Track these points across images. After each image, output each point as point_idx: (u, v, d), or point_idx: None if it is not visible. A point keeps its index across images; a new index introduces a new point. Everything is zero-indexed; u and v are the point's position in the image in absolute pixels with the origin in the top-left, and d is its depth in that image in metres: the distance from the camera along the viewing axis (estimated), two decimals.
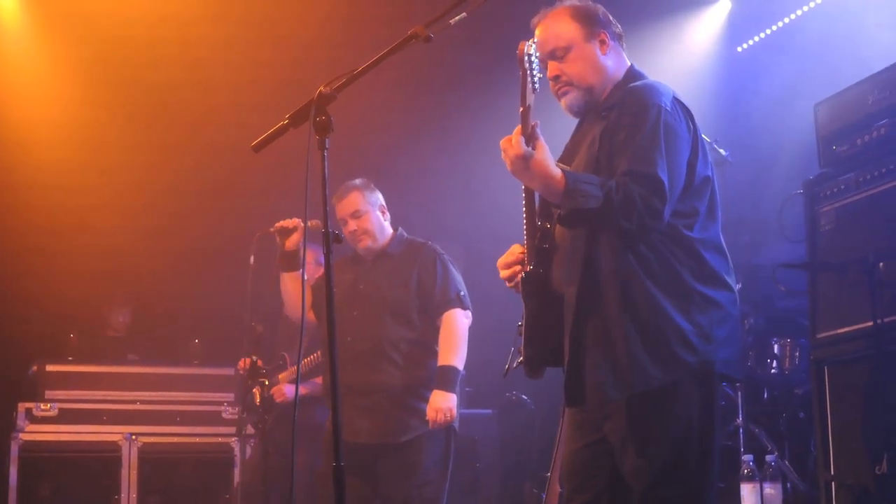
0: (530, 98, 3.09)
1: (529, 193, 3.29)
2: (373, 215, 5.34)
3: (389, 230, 5.41)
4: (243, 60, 7.49)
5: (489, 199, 7.56)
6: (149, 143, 7.94)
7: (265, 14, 7.35)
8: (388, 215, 5.42)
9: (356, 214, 5.32)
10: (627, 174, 3.11)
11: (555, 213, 3.28)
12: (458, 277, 5.29)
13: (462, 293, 5.24)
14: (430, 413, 5.01)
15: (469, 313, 5.24)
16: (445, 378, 5.06)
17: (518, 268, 3.39)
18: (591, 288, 3.22)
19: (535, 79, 3.09)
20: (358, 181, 5.43)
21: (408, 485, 5.08)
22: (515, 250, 3.45)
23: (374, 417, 5.11)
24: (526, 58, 3.07)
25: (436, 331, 5.20)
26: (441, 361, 5.10)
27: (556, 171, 3.10)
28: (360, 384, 5.16)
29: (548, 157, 3.11)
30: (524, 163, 3.07)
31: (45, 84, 7.66)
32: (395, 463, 5.12)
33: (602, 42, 3.44)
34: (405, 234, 5.45)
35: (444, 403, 5.01)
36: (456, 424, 5.21)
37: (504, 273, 3.44)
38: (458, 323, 5.17)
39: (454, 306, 5.18)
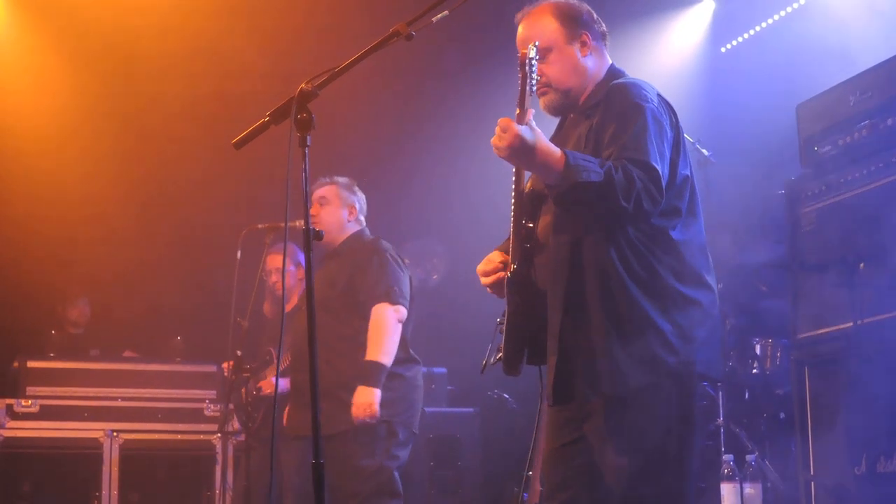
0: (528, 102, 3.07)
1: (519, 193, 3.27)
2: (335, 209, 5.42)
3: (349, 230, 5.44)
4: (227, 52, 7.46)
5: (473, 198, 7.56)
6: (132, 136, 7.92)
7: (249, 5, 7.32)
8: (355, 217, 5.47)
9: (321, 201, 5.42)
10: (624, 159, 3.08)
11: (542, 212, 3.27)
12: (395, 274, 5.27)
13: (395, 288, 5.21)
14: (353, 409, 5.02)
15: (400, 308, 5.19)
16: (369, 373, 5.06)
17: (502, 274, 3.36)
18: (573, 288, 3.21)
19: (534, 82, 3.07)
20: (341, 178, 5.49)
21: (347, 480, 5.08)
22: (494, 258, 3.42)
23: (309, 412, 5.06)
24: (528, 62, 3.05)
25: (366, 326, 5.21)
26: (367, 356, 5.10)
27: (556, 149, 3.06)
28: (301, 381, 5.28)
29: (545, 137, 3.08)
30: (523, 141, 3.02)
31: (25, 75, 7.62)
32: (330, 457, 5.11)
33: (583, 44, 3.41)
34: (366, 234, 5.48)
35: (365, 399, 5.01)
36: (397, 419, 5.19)
37: (486, 280, 3.42)
38: (385, 318, 5.15)
39: (381, 301, 5.17)
